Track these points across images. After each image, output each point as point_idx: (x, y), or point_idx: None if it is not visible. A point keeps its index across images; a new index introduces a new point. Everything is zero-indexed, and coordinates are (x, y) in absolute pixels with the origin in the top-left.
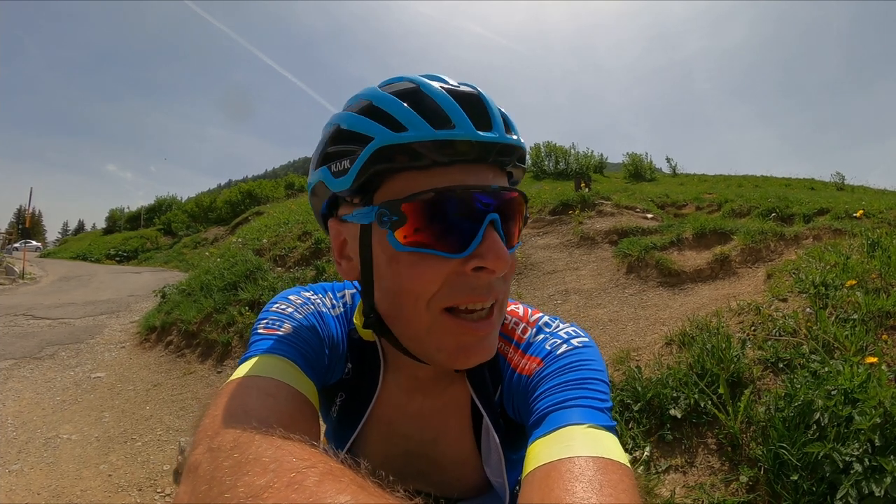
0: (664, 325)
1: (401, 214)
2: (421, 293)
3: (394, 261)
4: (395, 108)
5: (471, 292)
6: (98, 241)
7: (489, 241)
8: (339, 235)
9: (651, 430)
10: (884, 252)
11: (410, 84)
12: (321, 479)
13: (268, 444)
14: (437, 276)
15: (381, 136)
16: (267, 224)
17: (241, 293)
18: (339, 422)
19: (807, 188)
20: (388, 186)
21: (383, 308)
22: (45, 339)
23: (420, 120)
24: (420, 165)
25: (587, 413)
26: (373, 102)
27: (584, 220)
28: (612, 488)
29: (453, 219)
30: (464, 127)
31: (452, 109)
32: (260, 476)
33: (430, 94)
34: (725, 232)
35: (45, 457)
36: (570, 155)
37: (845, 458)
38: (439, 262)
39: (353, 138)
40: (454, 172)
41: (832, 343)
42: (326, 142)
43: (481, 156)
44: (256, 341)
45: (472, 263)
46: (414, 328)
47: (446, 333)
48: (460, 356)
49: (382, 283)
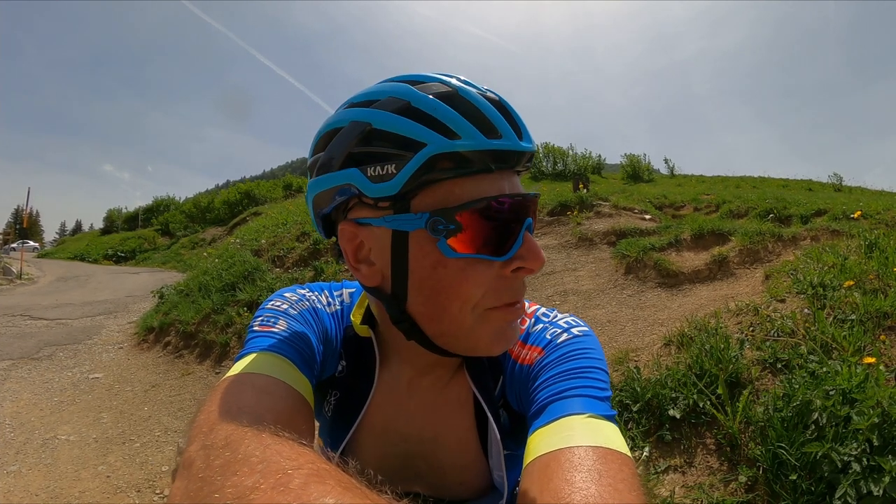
0: (663, 326)
1: (456, 223)
2: (468, 297)
3: (440, 266)
4: (443, 114)
5: (513, 293)
6: (96, 241)
7: (528, 242)
8: (355, 238)
9: (650, 431)
10: (881, 253)
11: (445, 87)
12: (306, 480)
13: (257, 444)
14: (483, 280)
15: (434, 142)
16: (265, 225)
17: (239, 294)
18: (334, 421)
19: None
20: (429, 193)
21: (419, 311)
22: (43, 340)
23: (472, 128)
24: (465, 172)
25: (587, 402)
26: (411, 104)
27: (583, 220)
28: (612, 477)
29: (500, 225)
30: (510, 137)
31: (496, 119)
32: (248, 476)
33: (470, 100)
34: (723, 233)
35: (43, 458)
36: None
37: (844, 457)
38: (486, 266)
39: (395, 141)
40: (493, 179)
41: (830, 343)
42: (352, 141)
43: (516, 164)
44: (252, 338)
45: (513, 265)
46: (458, 327)
47: (490, 326)
48: (500, 342)
49: (424, 288)
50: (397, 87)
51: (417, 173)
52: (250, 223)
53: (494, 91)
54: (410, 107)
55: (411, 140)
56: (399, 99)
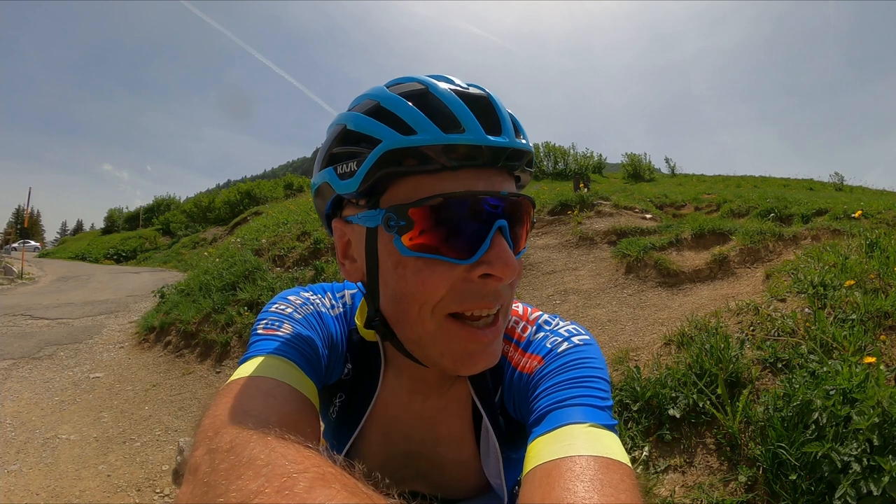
0: (663, 326)
1: (408, 219)
2: (426, 299)
3: (400, 265)
4: (404, 110)
5: (478, 299)
6: (96, 241)
7: (497, 247)
8: (344, 236)
9: (650, 430)
10: (882, 252)
11: (419, 85)
12: (311, 484)
13: (262, 447)
14: (443, 283)
15: (389, 138)
16: (266, 224)
17: (239, 293)
18: (339, 422)
19: (805, 188)
20: (395, 189)
21: (388, 311)
22: (44, 340)
23: (429, 122)
24: (428, 169)
25: (588, 412)
26: (380, 103)
27: (583, 220)
28: (613, 488)
29: (461, 224)
30: (474, 131)
31: (462, 112)
32: (252, 480)
33: (439, 96)
34: (724, 232)
35: (43, 457)
36: (570, 155)
37: (844, 457)
38: (446, 267)
39: (360, 139)
40: (463, 177)
41: (831, 343)
42: (332, 142)
43: (491, 160)
44: (256, 342)
45: (479, 270)
46: (418, 333)
47: (451, 340)
48: (466, 362)
49: (388, 287)
50: (374, 90)
51: (374, 168)
52: (251, 223)
53: (484, 88)
54: (379, 107)
55: (370, 137)
56: (372, 100)
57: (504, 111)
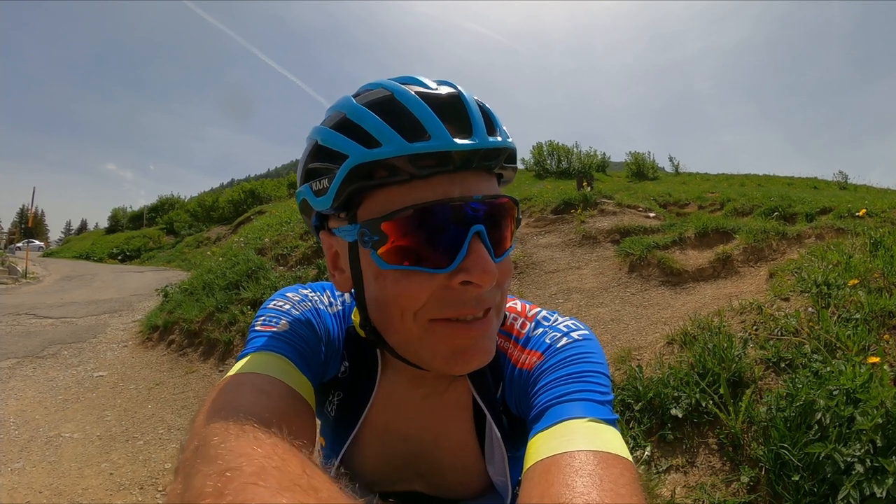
0: (666, 325)
1: (381, 234)
2: (406, 308)
3: (380, 277)
4: (368, 122)
5: (461, 306)
6: (101, 240)
7: (475, 254)
8: (331, 248)
9: (652, 430)
10: (886, 251)
11: (384, 91)
12: (245, 482)
13: (219, 442)
14: (422, 292)
15: (354, 153)
16: (269, 223)
17: (243, 292)
18: (337, 422)
19: (809, 187)
20: (369, 203)
21: (375, 319)
22: (48, 339)
23: (393, 133)
24: (399, 180)
25: (588, 406)
26: (346, 115)
27: (587, 219)
28: (613, 482)
29: (436, 234)
30: (439, 137)
31: (427, 118)
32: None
33: (404, 102)
34: (728, 231)
35: (46, 455)
36: (573, 154)
37: (847, 458)
38: (424, 278)
39: (329, 156)
40: (435, 184)
41: (834, 343)
42: (307, 158)
43: (463, 164)
44: (253, 338)
45: (458, 278)
46: (405, 338)
47: (438, 339)
48: (458, 361)
49: (371, 298)
50: (342, 101)
51: (343, 185)
52: (254, 222)
53: (455, 85)
54: (345, 119)
55: (337, 153)
56: (339, 112)
57: (474, 108)
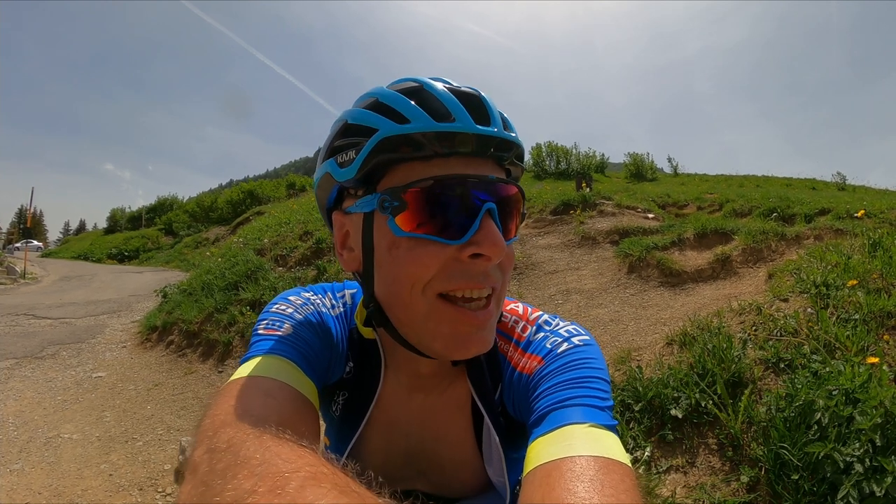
0: (665, 325)
1: (401, 200)
2: (417, 278)
3: (393, 246)
4: (399, 103)
5: (468, 279)
6: (99, 240)
7: (486, 229)
8: (343, 227)
9: (652, 430)
10: (885, 252)
11: (415, 83)
12: (303, 483)
13: (258, 446)
14: (434, 262)
15: (385, 127)
16: (268, 224)
17: (242, 293)
18: (342, 421)
19: (808, 188)
20: (391, 176)
21: (382, 296)
22: (47, 339)
23: (422, 112)
24: (422, 156)
25: (588, 412)
26: (378, 99)
27: (586, 220)
28: (614, 488)
29: (452, 206)
30: (463, 120)
31: (453, 105)
32: (247, 480)
33: (432, 92)
34: (727, 232)
35: (46, 456)
36: (572, 155)
37: (846, 458)
38: (437, 247)
39: (359, 131)
40: (454, 164)
41: (833, 343)
42: (334, 136)
43: (480, 149)
44: (257, 342)
45: (468, 250)
46: (410, 314)
47: (442, 321)
48: (459, 345)
49: (382, 270)
50: (375, 89)
51: (370, 155)
52: (253, 222)
53: (477, 89)
54: (377, 101)
55: (368, 128)
56: (371, 97)
57: (493, 106)
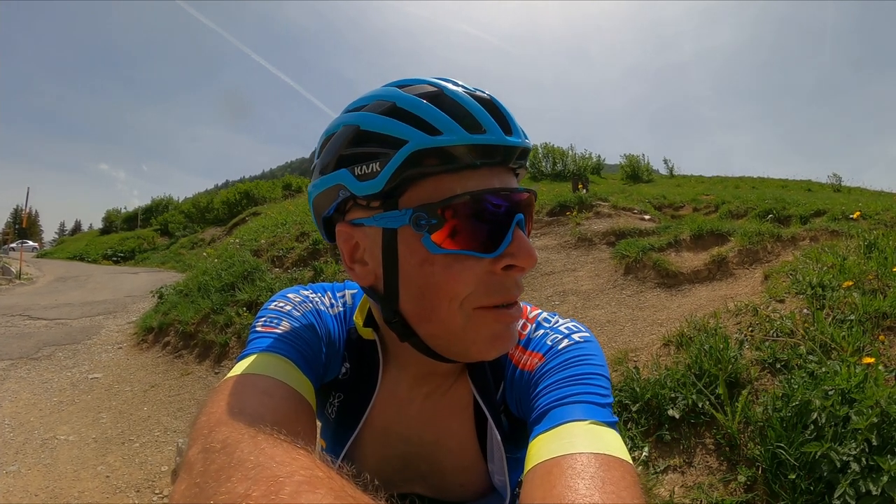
0: (662, 326)
1: (439, 217)
2: (456, 294)
3: (427, 263)
4: (426, 111)
5: (504, 291)
6: (95, 241)
7: (518, 240)
8: (351, 239)
9: (649, 431)
10: (880, 253)
11: (431, 87)
12: (298, 488)
13: (252, 448)
14: (471, 277)
15: (416, 139)
16: (264, 225)
17: (238, 294)
18: (338, 423)
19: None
20: (416, 189)
21: (410, 310)
22: (42, 340)
23: (454, 123)
24: (450, 168)
25: (588, 409)
26: (396, 104)
27: (582, 221)
28: (615, 485)
29: (486, 220)
30: (494, 132)
31: (481, 114)
32: (240, 483)
33: (455, 98)
34: (723, 233)
35: (42, 458)
36: (568, 156)
37: (843, 457)
38: (473, 262)
39: (381, 140)
40: (481, 175)
41: (829, 344)
42: (342, 143)
43: (505, 159)
44: (254, 339)
45: (503, 262)
46: (447, 328)
47: (481, 327)
48: (495, 345)
49: (412, 285)
50: (385, 91)
51: (400, 169)
52: (249, 223)
53: (485, 91)
54: (396, 107)
55: (394, 138)
56: (385, 101)
57: (510, 113)
